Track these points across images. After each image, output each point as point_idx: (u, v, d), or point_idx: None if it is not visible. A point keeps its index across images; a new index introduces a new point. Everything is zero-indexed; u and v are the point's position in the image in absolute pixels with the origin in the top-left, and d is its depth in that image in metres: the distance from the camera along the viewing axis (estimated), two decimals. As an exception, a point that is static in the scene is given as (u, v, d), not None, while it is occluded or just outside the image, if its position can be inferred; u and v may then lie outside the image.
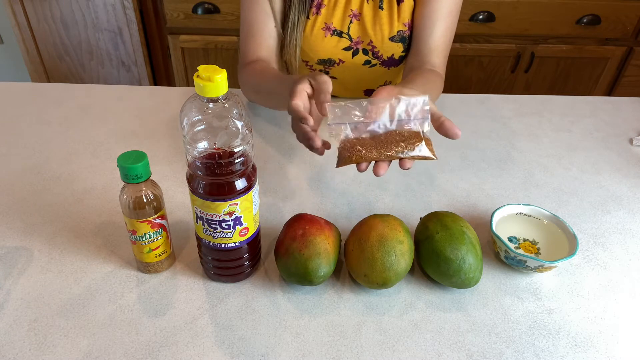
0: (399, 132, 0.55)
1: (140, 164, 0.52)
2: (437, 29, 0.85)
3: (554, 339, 0.56)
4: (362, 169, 0.55)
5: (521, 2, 1.70)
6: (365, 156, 0.54)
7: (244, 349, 0.53)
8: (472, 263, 0.57)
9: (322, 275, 0.57)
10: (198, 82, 0.47)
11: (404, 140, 0.54)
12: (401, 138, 0.54)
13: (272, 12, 0.84)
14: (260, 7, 0.84)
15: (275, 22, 0.86)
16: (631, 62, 1.86)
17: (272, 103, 0.81)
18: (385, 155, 0.54)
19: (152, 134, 0.89)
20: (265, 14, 0.85)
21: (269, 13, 0.85)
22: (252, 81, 0.82)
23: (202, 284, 0.60)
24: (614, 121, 1.00)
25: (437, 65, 0.85)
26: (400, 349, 0.54)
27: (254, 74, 0.81)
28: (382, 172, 0.54)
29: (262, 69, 0.81)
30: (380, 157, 0.54)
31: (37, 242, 0.65)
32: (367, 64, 0.94)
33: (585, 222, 0.73)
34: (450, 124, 0.55)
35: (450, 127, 0.55)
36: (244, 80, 0.85)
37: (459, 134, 0.55)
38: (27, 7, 1.79)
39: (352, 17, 0.89)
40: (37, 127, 0.90)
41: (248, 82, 0.84)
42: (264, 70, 0.81)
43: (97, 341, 0.53)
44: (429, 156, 0.54)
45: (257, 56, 0.86)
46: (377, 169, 0.54)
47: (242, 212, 0.53)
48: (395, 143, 0.54)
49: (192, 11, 1.71)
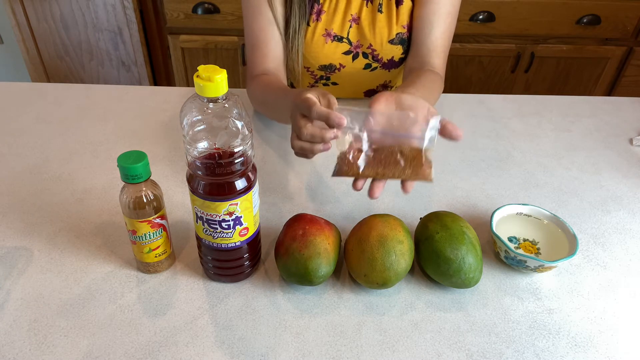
0: (401, 150, 0.55)
1: (140, 164, 0.52)
2: (435, 30, 0.85)
3: (554, 339, 0.56)
4: (357, 187, 0.56)
5: (521, 2, 1.70)
6: (362, 174, 0.55)
7: (244, 349, 0.53)
8: (472, 263, 0.57)
9: (322, 275, 0.57)
10: (198, 82, 0.47)
11: (404, 163, 0.55)
12: (401, 159, 0.55)
13: (275, 20, 0.84)
14: (264, 17, 0.84)
15: (278, 29, 0.85)
16: (631, 62, 1.86)
17: (277, 116, 0.81)
18: (381, 175, 0.55)
19: (152, 134, 0.89)
20: (269, 22, 0.84)
21: (273, 22, 0.84)
22: (259, 94, 0.82)
23: (202, 284, 0.60)
24: (614, 121, 1.00)
25: (437, 66, 0.85)
26: (400, 349, 0.54)
27: (261, 87, 0.81)
28: (377, 195, 0.55)
29: (268, 82, 0.81)
30: (376, 176, 0.55)
31: (37, 242, 0.65)
32: (367, 67, 0.94)
33: (585, 222, 0.73)
34: (452, 126, 0.55)
35: (452, 130, 0.55)
36: (252, 92, 0.85)
37: (461, 135, 0.55)
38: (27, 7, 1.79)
39: (352, 22, 0.89)
40: (37, 127, 0.90)
41: (255, 95, 0.84)
42: (269, 84, 0.80)
43: (97, 341, 0.53)
44: (425, 179, 0.55)
45: (264, 67, 0.86)
46: (372, 191, 0.55)
47: (242, 212, 0.53)
48: (394, 164, 0.55)
49: (192, 11, 1.71)
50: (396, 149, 0.55)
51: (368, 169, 0.55)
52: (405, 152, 0.55)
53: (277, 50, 0.87)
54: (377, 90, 1.03)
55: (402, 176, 0.55)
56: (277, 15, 0.84)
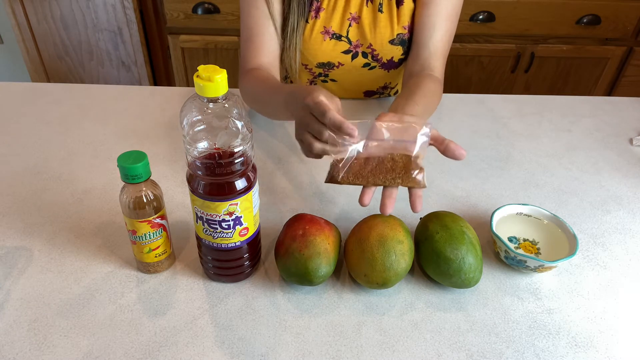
0: (392, 159, 0.56)
1: (140, 164, 0.52)
2: (436, 32, 0.85)
3: (554, 339, 0.56)
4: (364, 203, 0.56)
5: (521, 2, 1.70)
6: (353, 181, 0.56)
7: (244, 349, 0.53)
8: (472, 263, 0.57)
9: (322, 275, 0.57)
10: (198, 82, 0.47)
11: (395, 169, 0.56)
12: (392, 166, 0.56)
13: (270, 14, 0.84)
14: (260, 11, 0.84)
15: (274, 24, 0.85)
16: (631, 62, 1.86)
17: (268, 112, 0.81)
18: (372, 182, 0.56)
19: (152, 134, 0.89)
20: (265, 17, 0.84)
21: (269, 16, 0.84)
22: (251, 89, 0.82)
23: (202, 284, 0.60)
24: (614, 121, 1.00)
25: (436, 69, 0.85)
26: (400, 349, 0.54)
27: (253, 82, 0.81)
28: (367, 202, 0.56)
29: (261, 78, 0.81)
30: (367, 184, 0.56)
31: (37, 242, 0.65)
32: (366, 66, 0.94)
33: (585, 222, 0.73)
34: (454, 145, 0.57)
35: (455, 149, 0.57)
36: (244, 87, 0.85)
37: (464, 154, 0.57)
38: (27, 7, 1.79)
39: (351, 21, 0.89)
40: (37, 127, 0.90)
41: (247, 90, 0.83)
42: (262, 79, 0.80)
43: (97, 341, 0.53)
44: (418, 185, 0.56)
45: (258, 62, 0.85)
46: (362, 198, 0.56)
47: (242, 212, 0.53)
48: (385, 171, 0.56)
49: (192, 11, 1.71)
50: (388, 157, 0.57)
51: (359, 176, 0.56)
52: (396, 159, 0.56)
53: (272, 44, 0.87)
54: (377, 92, 1.03)
55: (394, 183, 0.56)
56: (273, 11, 0.84)
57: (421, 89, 0.76)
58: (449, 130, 0.94)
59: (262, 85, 0.79)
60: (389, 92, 1.04)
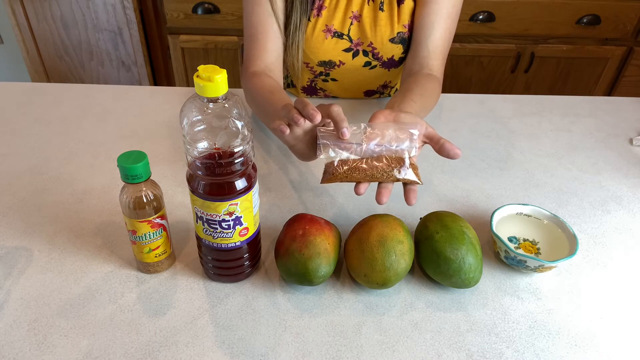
0: (386, 156, 0.57)
1: (140, 164, 0.52)
2: (436, 31, 0.85)
3: (554, 339, 0.56)
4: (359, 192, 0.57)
5: (521, 2, 1.70)
6: (350, 176, 0.56)
7: (244, 349, 0.53)
8: (472, 263, 0.57)
9: (322, 275, 0.57)
10: (198, 82, 0.47)
11: (389, 165, 0.57)
12: (387, 162, 0.57)
13: (274, 12, 0.84)
14: (263, 9, 0.84)
15: (277, 22, 0.85)
16: (631, 62, 1.86)
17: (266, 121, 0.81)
18: (368, 177, 0.57)
19: (152, 134, 0.89)
20: (269, 15, 0.84)
21: (272, 14, 0.85)
22: (253, 96, 0.82)
23: (202, 284, 0.60)
24: (614, 121, 1.00)
25: (435, 68, 0.85)
26: (400, 349, 0.54)
27: (256, 88, 0.80)
28: (362, 191, 0.57)
29: (263, 86, 0.80)
30: (363, 179, 0.57)
31: (37, 242, 0.65)
32: (367, 65, 0.94)
33: (585, 222, 0.73)
34: (450, 145, 0.59)
35: (450, 148, 0.58)
36: (247, 90, 0.84)
37: (459, 153, 0.58)
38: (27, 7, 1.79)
39: (353, 19, 0.89)
40: (37, 127, 0.90)
41: (250, 94, 0.83)
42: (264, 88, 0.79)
43: (97, 341, 0.53)
44: (413, 180, 0.57)
45: (262, 61, 0.85)
46: (357, 188, 0.57)
47: (242, 212, 0.53)
48: (379, 167, 0.56)
49: (192, 11, 1.71)
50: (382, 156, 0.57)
51: (355, 173, 0.57)
52: (390, 158, 0.57)
53: (275, 42, 0.87)
54: (377, 91, 1.03)
55: (389, 179, 0.57)
56: (276, 9, 0.84)
57: (419, 87, 0.76)
58: (449, 130, 0.94)
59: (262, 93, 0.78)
60: (389, 91, 1.04)
